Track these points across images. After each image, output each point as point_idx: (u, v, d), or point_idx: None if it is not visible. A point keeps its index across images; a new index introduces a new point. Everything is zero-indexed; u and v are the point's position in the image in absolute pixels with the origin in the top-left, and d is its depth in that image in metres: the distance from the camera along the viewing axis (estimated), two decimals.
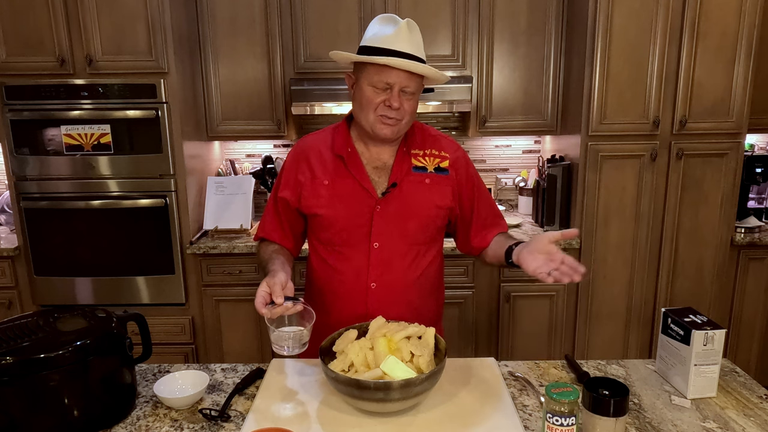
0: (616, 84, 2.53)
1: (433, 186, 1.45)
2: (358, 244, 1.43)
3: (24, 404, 1.06)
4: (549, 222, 2.80)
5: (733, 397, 1.24)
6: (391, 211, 1.41)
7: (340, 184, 1.43)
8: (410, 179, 1.43)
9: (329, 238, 1.46)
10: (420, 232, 1.45)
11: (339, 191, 1.43)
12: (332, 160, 1.45)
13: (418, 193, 1.43)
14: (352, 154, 1.44)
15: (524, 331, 2.77)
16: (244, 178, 2.89)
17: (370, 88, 1.35)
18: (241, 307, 2.74)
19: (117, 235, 2.65)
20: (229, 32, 2.78)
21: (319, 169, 1.45)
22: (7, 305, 2.76)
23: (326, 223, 1.44)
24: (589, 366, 1.40)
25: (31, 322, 1.16)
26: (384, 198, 1.41)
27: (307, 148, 1.49)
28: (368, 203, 1.41)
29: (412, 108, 1.39)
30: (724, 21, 2.47)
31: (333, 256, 1.46)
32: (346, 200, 1.42)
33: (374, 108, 1.35)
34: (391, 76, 1.32)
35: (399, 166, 1.44)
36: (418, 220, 1.44)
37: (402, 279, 1.45)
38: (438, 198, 1.46)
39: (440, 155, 1.48)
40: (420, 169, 1.45)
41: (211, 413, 1.18)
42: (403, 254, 1.44)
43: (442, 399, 1.21)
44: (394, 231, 1.42)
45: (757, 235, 2.72)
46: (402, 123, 1.38)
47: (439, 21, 2.76)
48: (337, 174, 1.44)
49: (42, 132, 2.57)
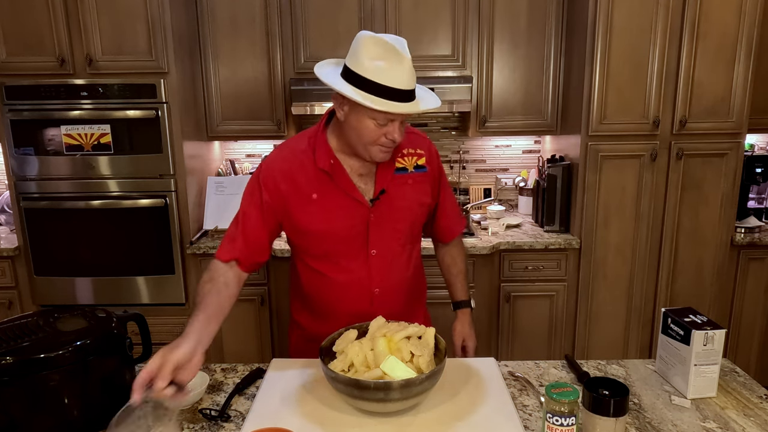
0: (616, 84, 2.53)
1: (416, 185, 1.47)
2: (356, 254, 1.42)
3: (24, 404, 1.06)
4: (549, 222, 2.80)
5: (733, 397, 1.24)
6: (383, 217, 1.42)
7: (329, 198, 1.38)
8: (395, 182, 1.43)
9: (324, 251, 1.43)
10: (409, 231, 1.48)
11: (329, 205, 1.39)
12: (315, 173, 1.38)
13: (404, 194, 1.44)
14: (336, 167, 1.38)
15: (524, 331, 2.77)
16: (244, 178, 2.89)
17: (372, 122, 1.28)
18: (241, 307, 2.74)
19: (117, 235, 2.65)
20: (229, 32, 2.78)
21: (305, 184, 1.38)
22: (7, 305, 2.76)
23: (321, 239, 1.41)
24: (589, 366, 1.40)
25: (31, 322, 1.16)
26: (374, 205, 1.41)
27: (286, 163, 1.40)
28: (361, 213, 1.40)
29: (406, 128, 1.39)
30: (724, 21, 2.47)
31: (329, 267, 1.44)
32: (340, 213, 1.39)
33: (375, 140, 1.31)
34: (396, 115, 1.28)
35: (383, 171, 1.42)
36: (407, 220, 1.46)
37: (402, 278, 1.49)
38: (421, 196, 1.49)
39: (416, 153, 1.48)
40: (401, 170, 1.45)
41: (211, 413, 1.18)
42: (398, 255, 1.47)
43: (442, 399, 1.21)
44: (388, 235, 1.44)
45: (757, 235, 2.72)
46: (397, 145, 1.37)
47: (439, 21, 2.76)
48: (324, 187, 1.38)
49: (42, 132, 2.57)
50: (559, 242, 2.65)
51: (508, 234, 2.77)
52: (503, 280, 2.71)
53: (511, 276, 2.70)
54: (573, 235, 2.71)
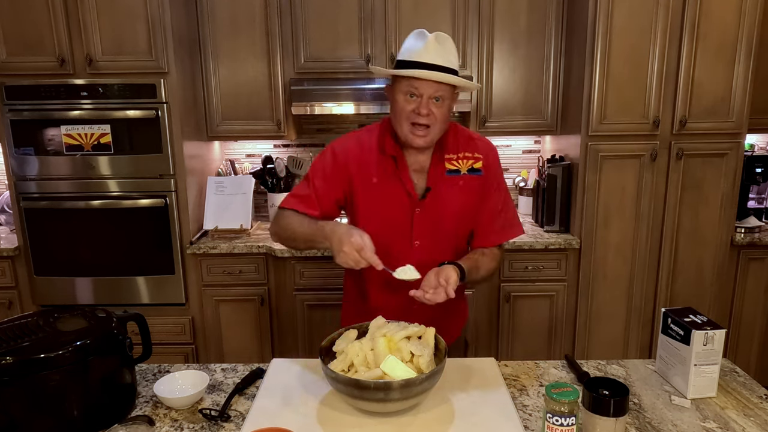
0: (616, 84, 2.53)
1: (467, 188, 1.52)
2: (399, 242, 1.49)
3: (24, 404, 1.06)
4: (549, 222, 2.80)
5: (733, 397, 1.24)
6: (428, 213, 1.49)
7: (387, 184, 1.49)
8: (445, 183, 1.50)
9: (374, 233, 1.41)
10: (454, 231, 1.53)
11: (386, 190, 1.49)
12: (379, 160, 1.50)
13: (452, 195, 1.50)
14: (401, 156, 1.50)
15: (524, 331, 2.77)
16: (244, 178, 2.89)
17: (402, 97, 1.41)
18: (241, 307, 2.74)
19: (117, 235, 2.65)
20: (229, 32, 2.78)
21: (370, 167, 1.50)
22: (7, 305, 2.76)
23: (370, 220, 1.49)
24: (589, 366, 1.40)
25: (31, 322, 1.16)
26: (422, 201, 1.49)
27: (356, 147, 1.53)
28: (409, 205, 1.49)
29: (443, 115, 1.43)
30: (724, 21, 2.47)
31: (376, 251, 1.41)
32: (391, 200, 1.49)
33: (406, 116, 1.41)
34: (420, 86, 1.39)
35: (434, 169, 1.50)
36: (453, 220, 1.51)
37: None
38: (472, 199, 1.52)
39: (473, 156, 1.53)
40: (453, 172, 1.51)
41: (211, 413, 1.18)
42: (442, 251, 1.51)
43: (442, 399, 1.21)
44: (432, 231, 1.50)
45: (757, 235, 2.72)
46: (433, 130, 1.43)
47: (439, 21, 2.76)
48: (385, 173, 1.49)
49: (42, 132, 2.57)
50: (559, 242, 2.65)
51: None
52: (503, 280, 2.71)
53: (511, 276, 2.70)
54: (573, 235, 2.71)
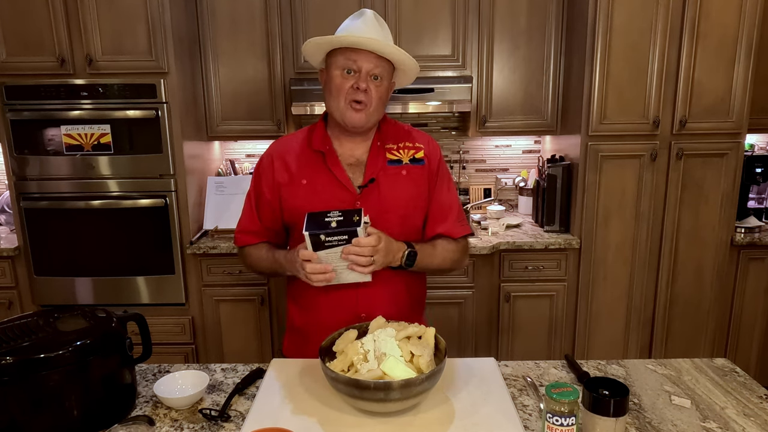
0: (616, 84, 2.53)
1: (411, 178, 1.45)
2: None
3: (24, 404, 1.06)
4: (549, 222, 2.80)
5: (733, 397, 1.24)
6: (371, 205, 1.40)
7: (317, 182, 1.43)
8: (387, 173, 1.44)
9: None
10: (400, 224, 1.43)
11: (317, 188, 1.42)
12: (309, 157, 1.45)
13: (397, 185, 1.44)
14: (330, 151, 1.44)
15: (524, 331, 2.77)
16: (244, 178, 2.89)
17: (339, 73, 1.37)
18: (241, 307, 2.74)
19: (117, 235, 2.65)
20: (229, 32, 2.78)
21: (296, 169, 1.45)
22: (7, 305, 2.76)
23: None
24: (589, 366, 1.40)
25: (31, 322, 1.16)
26: (362, 193, 1.41)
27: (282, 149, 1.49)
28: (347, 199, 1.41)
29: (381, 94, 1.39)
30: (724, 21, 2.47)
31: None
32: (325, 196, 1.41)
33: (344, 93, 1.37)
34: (359, 59, 1.36)
35: (373, 161, 1.44)
36: (398, 212, 1.43)
37: (393, 276, 1.43)
38: (417, 189, 1.46)
39: (415, 146, 1.48)
40: (395, 162, 1.45)
41: (211, 413, 1.18)
42: None
43: (442, 399, 1.21)
44: (378, 223, 1.37)
45: (757, 235, 2.72)
46: (371, 109, 1.38)
47: (439, 21, 2.76)
48: (315, 171, 1.43)
49: (42, 132, 2.57)
50: (559, 242, 2.65)
51: (508, 234, 2.77)
52: (503, 280, 2.71)
53: (511, 276, 2.70)
54: (573, 235, 2.71)
